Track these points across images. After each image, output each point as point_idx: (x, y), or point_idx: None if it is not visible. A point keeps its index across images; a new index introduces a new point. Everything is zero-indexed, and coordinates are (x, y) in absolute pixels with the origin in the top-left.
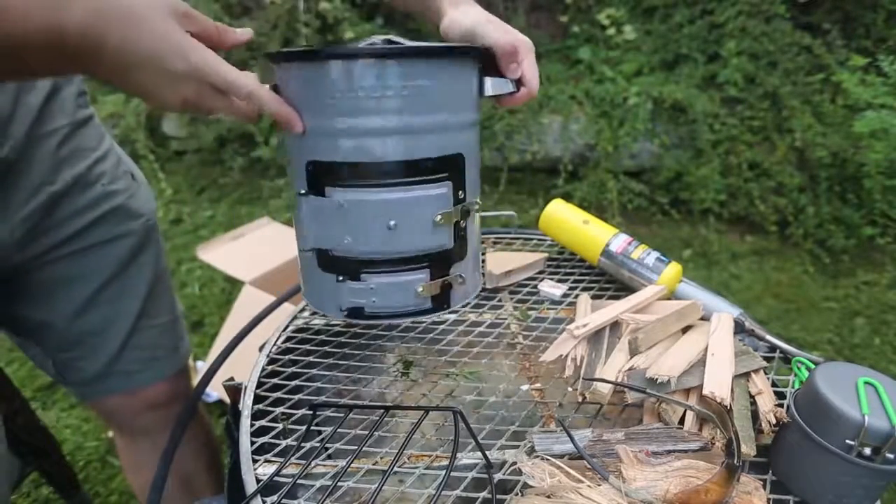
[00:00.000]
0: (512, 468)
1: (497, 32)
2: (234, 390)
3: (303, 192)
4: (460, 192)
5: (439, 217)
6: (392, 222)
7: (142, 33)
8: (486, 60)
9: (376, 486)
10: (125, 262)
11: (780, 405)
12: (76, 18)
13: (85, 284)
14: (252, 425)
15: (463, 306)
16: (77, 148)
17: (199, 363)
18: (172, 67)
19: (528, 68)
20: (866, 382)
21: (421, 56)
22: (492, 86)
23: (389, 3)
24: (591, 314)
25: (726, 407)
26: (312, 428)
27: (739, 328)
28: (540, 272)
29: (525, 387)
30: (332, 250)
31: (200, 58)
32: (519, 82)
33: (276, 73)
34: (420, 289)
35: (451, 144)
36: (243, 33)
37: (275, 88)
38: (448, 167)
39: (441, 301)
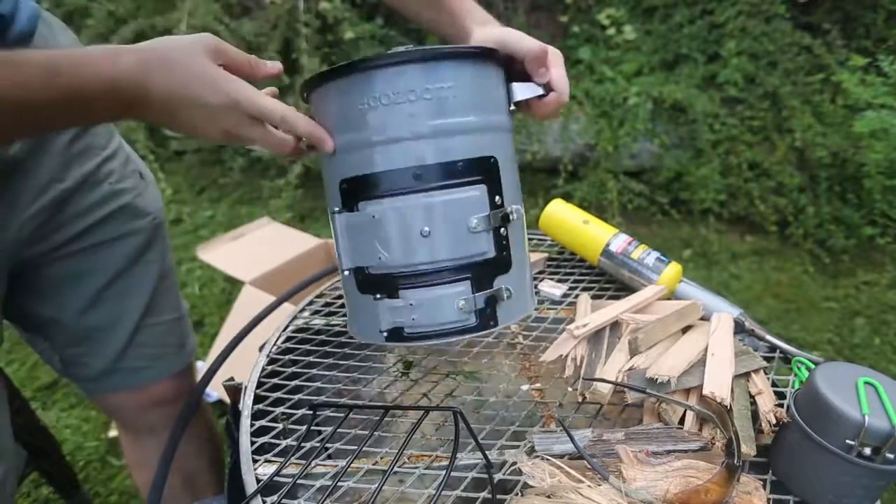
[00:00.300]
0: (512, 468)
1: (525, 40)
2: (234, 390)
3: (337, 209)
4: (497, 197)
5: (475, 222)
6: (426, 228)
7: (180, 76)
8: (514, 70)
9: (376, 486)
10: (132, 259)
11: (780, 405)
12: (126, 70)
13: (92, 281)
14: (252, 425)
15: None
16: (86, 146)
17: (200, 363)
18: (209, 102)
19: (557, 74)
20: (866, 382)
21: (443, 58)
22: (519, 90)
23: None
24: (591, 314)
25: (726, 407)
26: (312, 428)
27: (739, 328)
28: (540, 272)
29: (525, 387)
30: (369, 268)
31: (233, 89)
32: (548, 88)
33: (310, 104)
34: (462, 303)
35: (481, 147)
36: (273, 66)
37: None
38: (480, 170)
39: (487, 318)
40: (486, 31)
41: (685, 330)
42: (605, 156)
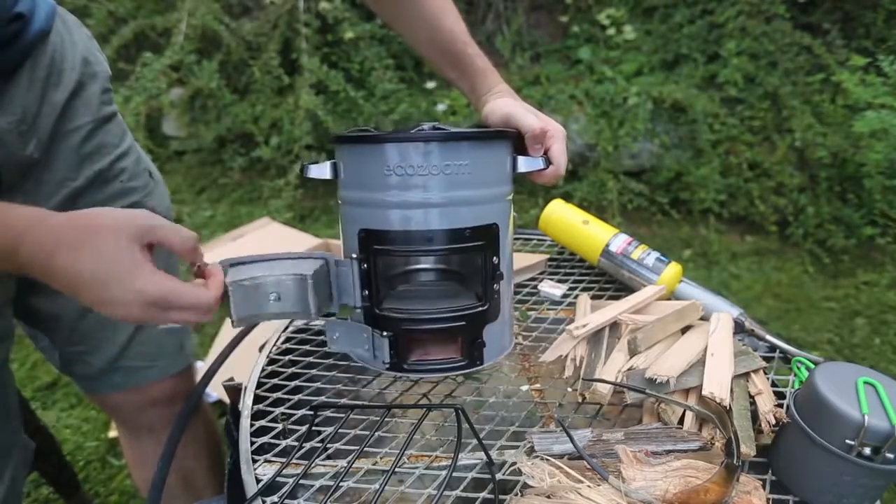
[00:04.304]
0: (512, 468)
1: (529, 118)
2: (234, 390)
3: (355, 255)
4: (494, 258)
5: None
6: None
7: (88, 255)
8: (522, 143)
9: (377, 486)
10: None
11: (780, 405)
12: (29, 241)
13: None
14: (252, 425)
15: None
16: (100, 144)
17: (199, 363)
18: (115, 292)
19: (556, 150)
20: (866, 382)
21: (462, 140)
22: (524, 164)
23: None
24: (591, 314)
25: (726, 407)
26: (312, 428)
27: (739, 328)
28: (540, 272)
29: (525, 387)
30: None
31: (140, 285)
32: (548, 161)
33: (336, 152)
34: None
35: (486, 215)
36: (214, 275)
37: (334, 166)
38: (484, 235)
39: (475, 358)
40: (496, 104)
41: (685, 330)
42: (605, 156)
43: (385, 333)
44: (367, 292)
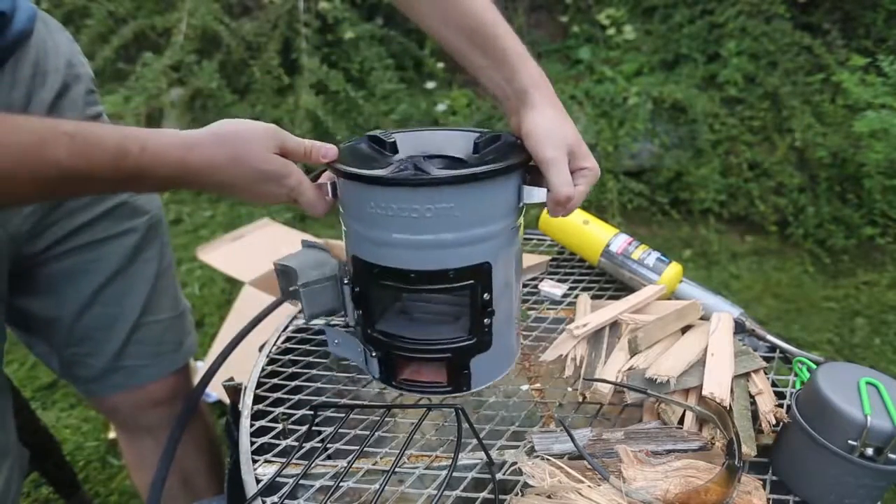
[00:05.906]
0: (512, 468)
1: (559, 176)
2: (234, 390)
3: (346, 281)
4: (485, 295)
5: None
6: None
7: (248, 172)
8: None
9: (377, 486)
10: (129, 257)
11: (780, 405)
12: (193, 168)
13: (90, 279)
14: (252, 425)
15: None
16: None
17: (199, 363)
18: (272, 190)
19: (580, 190)
20: (868, 383)
21: (446, 185)
22: (529, 195)
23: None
24: (591, 314)
25: (726, 407)
26: (312, 428)
27: (740, 328)
28: (541, 273)
29: (525, 387)
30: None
31: (295, 182)
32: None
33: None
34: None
35: (476, 255)
36: (327, 154)
37: (334, 185)
38: (472, 275)
39: (461, 384)
40: (536, 125)
41: (685, 330)
42: (605, 156)
43: (374, 353)
44: (360, 312)
